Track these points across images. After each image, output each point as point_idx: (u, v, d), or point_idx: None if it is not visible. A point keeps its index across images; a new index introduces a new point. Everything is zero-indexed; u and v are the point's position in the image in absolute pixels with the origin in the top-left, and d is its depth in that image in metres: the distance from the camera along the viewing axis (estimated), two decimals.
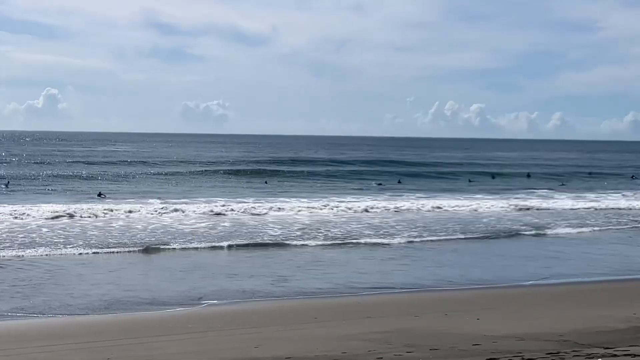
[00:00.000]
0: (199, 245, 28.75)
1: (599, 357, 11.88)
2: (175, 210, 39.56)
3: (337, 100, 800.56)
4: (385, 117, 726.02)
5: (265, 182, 65.94)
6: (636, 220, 40.76)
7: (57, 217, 36.03)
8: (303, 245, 29.65)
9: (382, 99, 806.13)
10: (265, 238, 30.98)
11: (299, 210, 41.42)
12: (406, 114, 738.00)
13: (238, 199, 47.37)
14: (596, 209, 47.08)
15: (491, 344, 13.64)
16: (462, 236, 32.93)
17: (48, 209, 37.82)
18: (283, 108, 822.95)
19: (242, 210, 40.74)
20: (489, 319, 16.68)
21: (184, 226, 34.23)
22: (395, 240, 31.05)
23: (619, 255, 28.56)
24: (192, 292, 20.34)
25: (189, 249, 28.17)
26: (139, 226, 34.01)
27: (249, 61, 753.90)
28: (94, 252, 26.80)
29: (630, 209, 47.72)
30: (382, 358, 12.60)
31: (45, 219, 35.46)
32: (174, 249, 28.06)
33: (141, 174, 69.83)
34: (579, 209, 47.05)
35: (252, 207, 41.62)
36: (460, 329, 15.50)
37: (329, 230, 33.53)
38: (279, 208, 41.72)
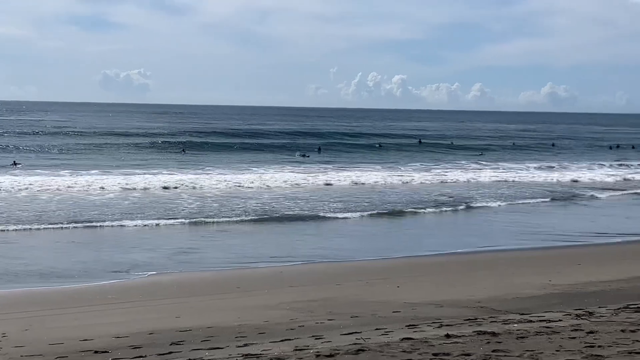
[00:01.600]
0: (107, 220, 27.47)
1: (515, 323, 12.15)
2: (88, 181, 38.75)
3: (261, 71, 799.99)
4: (309, 88, 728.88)
5: (183, 151, 65.24)
6: (552, 191, 41.67)
7: None
8: (215, 219, 28.54)
9: (306, 69, 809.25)
10: (180, 211, 30.09)
11: (217, 182, 40.84)
12: (329, 84, 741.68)
13: (154, 171, 46.77)
14: (515, 181, 47.88)
15: (411, 311, 13.86)
16: (377, 210, 32.36)
17: None
18: (206, 78, 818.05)
19: (157, 182, 39.88)
20: (408, 287, 16.92)
21: (96, 198, 33.59)
22: (308, 213, 30.55)
23: (535, 225, 29.21)
24: (106, 265, 19.99)
25: (97, 224, 26.77)
26: (44, 197, 33.48)
27: (172, 30, 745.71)
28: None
29: (553, 182, 48.59)
30: (304, 326, 12.68)
31: None
32: (83, 223, 26.74)
33: (56, 144, 67.73)
34: (499, 180, 47.75)
35: (167, 180, 40.81)
36: (381, 297, 15.70)
37: (245, 202, 33.21)
38: (196, 181, 40.94)
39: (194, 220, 28.16)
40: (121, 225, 26.73)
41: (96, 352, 11.11)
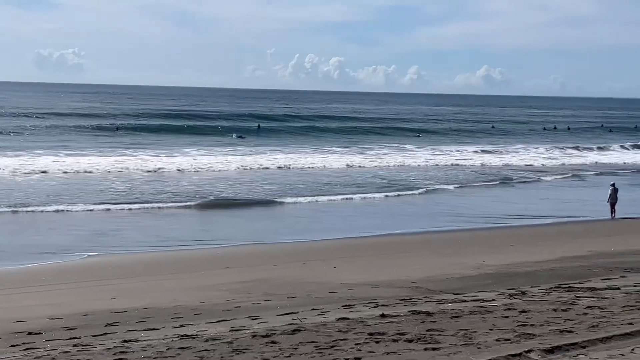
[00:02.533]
0: (32, 203, 26.73)
1: (450, 303, 12.32)
2: (15, 163, 38.09)
3: (198, 52, 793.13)
4: (246, 69, 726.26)
5: (117, 129, 64.26)
6: (482, 173, 42.24)
7: None
8: (143, 203, 27.67)
9: (243, 50, 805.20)
10: (108, 194, 29.55)
11: (149, 164, 40.27)
12: (267, 66, 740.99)
13: (84, 152, 46.10)
14: (456, 164, 48.07)
15: (347, 292, 13.94)
16: (314, 193, 32.45)
17: None
18: (142, 58, 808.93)
19: (87, 163, 39.21)
20: (345, 268, 17.01)
21: (22, 180, 33.00)
22: (243, 196, 30.25)
23: (464, 207, 29.65)
24: (35, 248, 19.69)
25: (22, 208, 26.00)
26: None
27: (107, 9, 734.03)
28: None
29: (496, 164, 49.10)
30: (240, 307, 12.66)
31: None
32: (8, 207, 26.03)
33: None
34: (437, 165, 47.62)
35: (98, 162, 40.12)
36: (317, 278, 15.76)
37: (177, 184, 32.89)
38: (128, 162, 40.49)
39: (122, 202, 27.58)
40: (44, 210, 25.85)
41: (30, 333, 10.95)
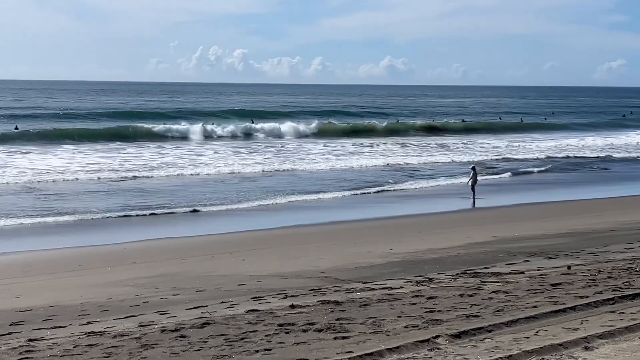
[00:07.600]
0: None
1: (358, 292, 12.43)
2: None
3: (99, 45, 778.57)
4: (149, 62, 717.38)
5: (16, 128, 61.81)
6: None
7: None
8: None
9: (146, 43, 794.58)
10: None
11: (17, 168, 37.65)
12: (170, 58, 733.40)
13: None
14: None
15: (256, 284, 13.93)
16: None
17: None
18: (40, 53, 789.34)
19: None
20: (254, 260, 17.00)
21: None
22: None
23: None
24: None
25: None
26: None
27: (3, 2, 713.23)
28: None
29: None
30: (148, 302, 12.54)
31: None
32: None
33: None
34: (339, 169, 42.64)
35: None
36: (226, 271, 15.72)
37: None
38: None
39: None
40: None
41: None
